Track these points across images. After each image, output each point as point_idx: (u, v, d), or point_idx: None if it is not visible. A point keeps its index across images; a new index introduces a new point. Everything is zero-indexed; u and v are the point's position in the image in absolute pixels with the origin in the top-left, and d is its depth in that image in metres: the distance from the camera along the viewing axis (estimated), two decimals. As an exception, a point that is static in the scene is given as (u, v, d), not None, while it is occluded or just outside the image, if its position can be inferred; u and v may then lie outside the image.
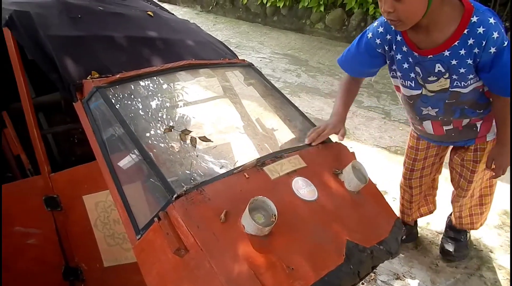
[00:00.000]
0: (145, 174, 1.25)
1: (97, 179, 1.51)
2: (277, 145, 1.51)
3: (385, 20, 1.49)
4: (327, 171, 1.38)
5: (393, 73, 1.70)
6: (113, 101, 1.37)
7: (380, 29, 1.58)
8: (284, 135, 1.54)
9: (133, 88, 1.51)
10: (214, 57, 1.79)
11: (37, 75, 1.90)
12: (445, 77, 1.54)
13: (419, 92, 1.64)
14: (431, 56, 1.50)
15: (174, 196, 1.09)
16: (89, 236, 1.57)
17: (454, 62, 1.48)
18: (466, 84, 1.54)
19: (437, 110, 1.67)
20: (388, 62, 1.66)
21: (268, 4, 6.21)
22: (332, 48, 5.53)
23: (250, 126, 1.68)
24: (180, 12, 7.31)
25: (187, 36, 1.93)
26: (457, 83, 1.54)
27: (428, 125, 1.77)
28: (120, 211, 1.23)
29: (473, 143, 1.79)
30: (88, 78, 1.45)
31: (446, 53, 1.47)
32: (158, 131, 1.44)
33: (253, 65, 1.82)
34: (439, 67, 1.52)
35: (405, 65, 1.59)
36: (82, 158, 2.24)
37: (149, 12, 2.06)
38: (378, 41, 1.61)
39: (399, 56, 1.58)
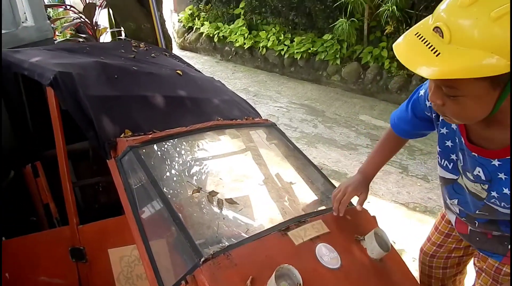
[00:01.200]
0: (173, 234, 1.28)
1: (123, 234, 1.56)
2: (300, 207, 1.54)
3: None
4: (350, 237, 1.39)
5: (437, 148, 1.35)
6: (144, 160, 1.43)
7: None
8: (306, 197, 1.57)
9: (163, 147, 1.58)
10: (239, 116, 1.87)
11: (65, 124, 2.00)
12: (483, 187, 1.16)
13: (455, 177, 1.27)
14: (475, 154, 1.13)
15: (202, 259, 1.12)
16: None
17: (501, 176, 1.09)
18: (507, 206, 1.13)
19: (461, 209, 1.30)
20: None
21: (286, 56, 6.42)
22: (349, 100, 5.64)
23: (273, 188, 1.72)
24: (200, 60, 7.60)
25: (213, 94, 2.03)
26: (495, 200, 1.15)
27: (452, 217, 1.42)
28: (146, 270, 1.26)
29: (500, 260, 1.35)
30: (121, 136, 1.53)
31: (495, 162, 1.09)
32: (188, 191, 1.49)
33: (276, 125, 1.89)
34: (479, 172, 1.14)
35: (448, 143, 1.23)
36: (106, 206, 2.31)
37: (178, 71, 2.18)
38: (428, 103, 1.25)
39: (444, 130, 1.23)
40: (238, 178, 1.72)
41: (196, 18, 8.07)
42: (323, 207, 1.49)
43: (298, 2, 5.90)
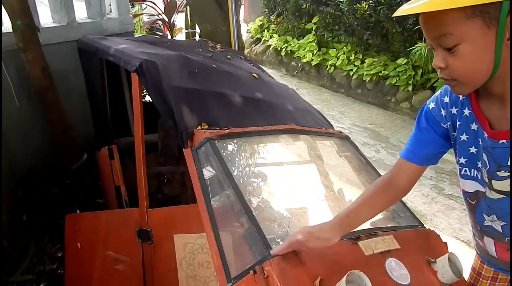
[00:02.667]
0: (243, 226, 1.33)
1: (190, 222, 1.64)
2: (371, 221, 1.53)
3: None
4: (420, 258, 1.37)
5: (457, 160, 1.24)
6: (220, 153, 1.50)
7: (446, 99, 1.20)
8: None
9: (239, 143, 1.65)
10: (312, 125, 1.91)
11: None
12: None
13: (483, 190, 1.19)
14: (504, 141, 1.06)
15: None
16: (172, 274, 1.66)
17: None
18: None
19: (504, 224, 1.18)
20: (453, 146, 1.24)
21: (354, 77, 6.40)
22: (415, 129, 5.48)
23: (344, 198, 1.73)
24: (266, 73, 7.76)
25: (287, 101, 2.09)
26: None
27: (490, 244, 1.28)
28: (214, 257, 1.32)
29: None
30: (198, 128, 1.62)
31: None
32: (259, 189, 1.55)
33: (350, 138, 1.91)
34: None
35: (472, 150, 1.16)
36: (168, 196, 2.42)
37: (254, 74, 2.27)
38: (443, 112, 1.20)
39: (464, 137, 1.17)
40: (309, 185, 1.75)
41: (266, 30, 8.27)
42: (395, 224, 1.48)
43: (375, 22, 5.86)
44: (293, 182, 1.77)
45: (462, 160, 1.21)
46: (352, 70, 6.42)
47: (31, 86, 2.51)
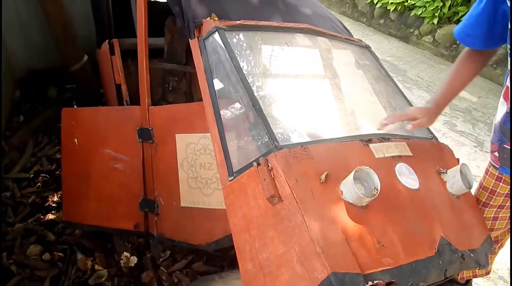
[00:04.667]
0: (250, 121, 1.30)
1: (194, 121, 1.61)
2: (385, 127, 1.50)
3: None
4: (431, 167, 1.35)
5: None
6: (230, 44, 1.43)
7: None
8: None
9: (251, 37, 1.56)
10: (331, 30, 1.81)
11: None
12: None
13: None
14: None
15: (278, 146, 1.13)
16: (173, 174, 1.66)
17: None
18: None
19: None
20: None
21: (378, 5, 6.10)
22: (436, 65, 5.33)
23: (359, 104, 1.69)
24: None
25: (307, 4, 1.96)
26: None
27: None
28: (217, 151, 1.30)
29: None
30: (207, 18, 1.53)
31: None
32: (270, 84, 1.49)
33: (370, 47, 1.82)
34: None
35: None
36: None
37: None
38: None
39: None
40: (322, 87, 1.69)
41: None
42: (409, 134, 1.44)
43: None
44: (305, 84, 1.70)
45: None
46: (377, -3, 6.11)
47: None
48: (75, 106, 2.38)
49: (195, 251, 2.00)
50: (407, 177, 1.24)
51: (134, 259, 1.88)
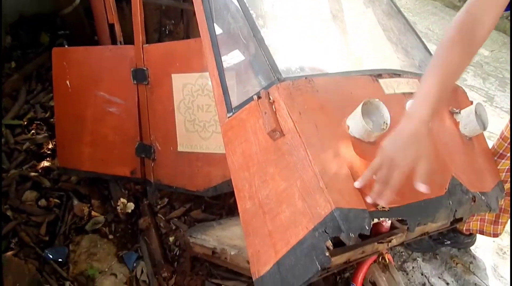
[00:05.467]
0: (250, 54, 1.22)
1: (191, 59, 1.53)
2: (396, 63, 1.42)
3: None
4: (444, 107, 1.29)
5: None
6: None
7: None
8: (404, 58, 1.45)
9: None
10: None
11: None
12: None
13: None
14: None
15: (281, 78, 1.07)
16: (169, 117, 1.60)
17: None
18: None
19: None
20: None
21: (387, -47, 5.83)
22: (447, 17, 5.14)
23: (370, 39, 1.60)
24: None
25: None
26: None
27: None
28: (215, 87, 1.23)
29: None
30: None
31: None
32: (273, 15, 1.39)
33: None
34: None
35: None
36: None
37: None
38: None
39: None
40: (331, 22, 1.59)
41: None
42: (422, 72, 1.37)
43: None
44: (311, 17, 1.60)
45: None
46: None
47: None
48: (66, 46, 2.28)
49: (193, 199, 1.97)
50: (418, 115, 1.17)
51: (131, 206, 1.85)
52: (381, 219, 0.96)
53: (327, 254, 0.91)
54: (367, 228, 0.91)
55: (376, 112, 1.05)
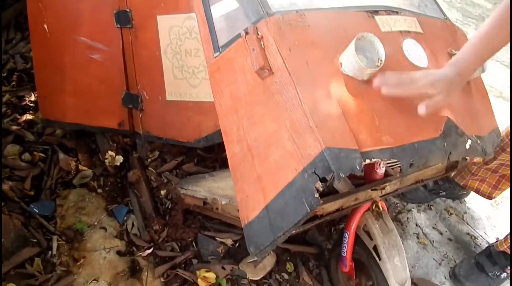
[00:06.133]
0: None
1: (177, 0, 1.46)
2: (393, 2, 1.35)
3: None
4: (443, 48, 1.24)
5: None
6: None
7: None
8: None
9: None
10: None
11: None
12: None
13: None
14: None
15: (270, 12, 1.01)
16: (156, 63, 1.54)
17: None
18: None
19: None
20: None
21: None
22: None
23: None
24: None
25: None
26: None
27: None
28: (200, 25, 1.18)
29: None
30: None
31: None
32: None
33: None
34: None
35: None
36: None
37: None
38: None
39: None
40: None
41: None
42: (420, 11, 1.31)
43: None
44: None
45: None
46: None
47: None
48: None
49: (185, 152, 1.95)
50: (415, 54, 1.13)
51: (119, 158, 1.82)
52: (373, 160, 0.94)
53: (317, 195, 0.89)
54: (358, 168, 0.89)
55: (371, 48, 1.00)
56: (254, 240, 1.04)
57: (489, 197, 1.88)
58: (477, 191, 1.89)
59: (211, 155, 1.95)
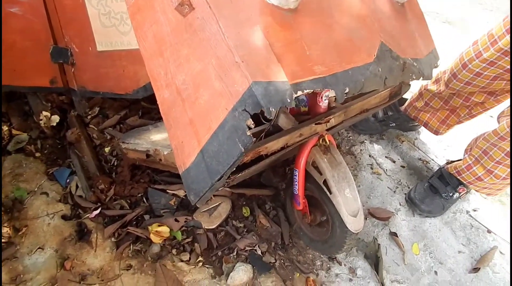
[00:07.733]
0: None
1: None
2: None
3: None
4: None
5: None
6: None
7: None
8: None
9: None
10: None
11: None
12: None
13: None
14: None
15: None
16: (81, 12, 1.46)
17: None
18: None
19: None
20: None
21: None
22: None
23: None
24: None
25: None
26: None
27: None
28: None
29: None
30: None
31: None
32: None
33: None
34: None
35: None
36: None
37: None
38: None
39: None
40: None
41: None
42: None
43: None
44: None
45: None
46: None
47: None
48: None
49: (128, 106, 1.90)
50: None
51: (55, 118, 1.76)
52: (305, 91, 0.94)
53: (249, 133, 0.89)
54: (288, 100, 0.89)
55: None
56: (194, 187, 1.05)
57: (436, 132, 1.94)
58: (425, 125, 1.95)
59: (156, 106, 1.92)
